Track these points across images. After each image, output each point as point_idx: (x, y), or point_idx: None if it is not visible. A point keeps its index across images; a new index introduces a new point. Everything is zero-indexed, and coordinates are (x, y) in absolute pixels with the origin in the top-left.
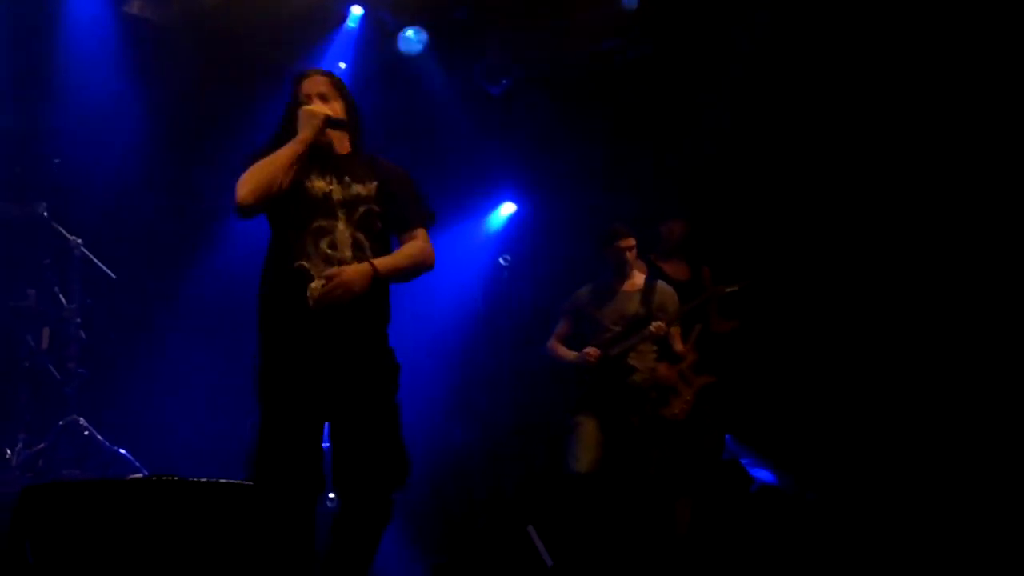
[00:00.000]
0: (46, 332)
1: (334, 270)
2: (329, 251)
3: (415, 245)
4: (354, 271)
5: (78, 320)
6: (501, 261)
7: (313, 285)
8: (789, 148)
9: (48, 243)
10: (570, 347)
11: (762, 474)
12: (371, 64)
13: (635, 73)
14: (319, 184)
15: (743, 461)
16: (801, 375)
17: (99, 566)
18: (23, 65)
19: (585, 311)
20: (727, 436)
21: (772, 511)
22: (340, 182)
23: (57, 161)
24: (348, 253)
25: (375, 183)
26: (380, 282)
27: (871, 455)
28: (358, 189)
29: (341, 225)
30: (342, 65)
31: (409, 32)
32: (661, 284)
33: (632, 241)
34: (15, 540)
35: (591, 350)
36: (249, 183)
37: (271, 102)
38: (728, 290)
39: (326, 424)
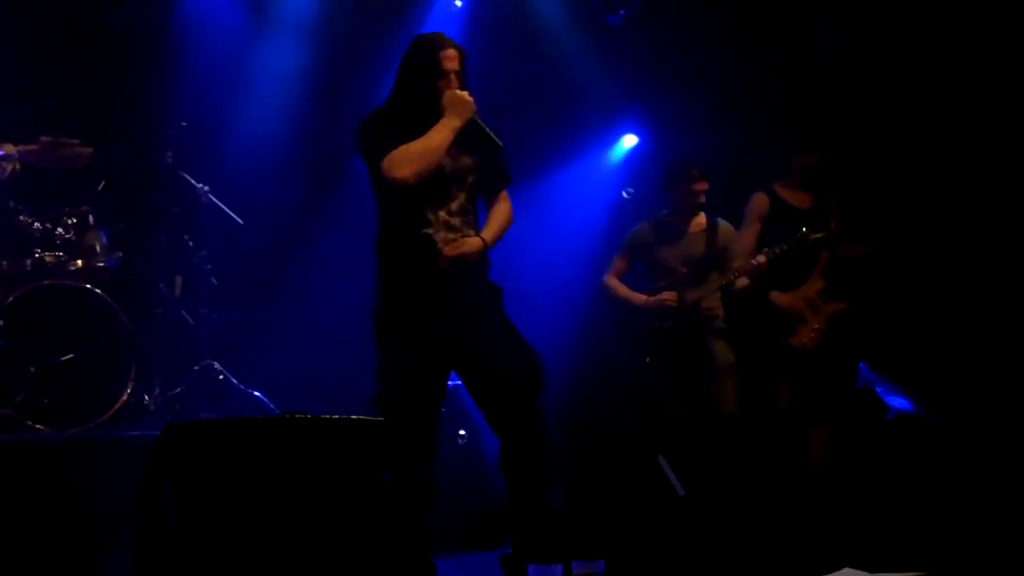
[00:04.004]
0: (178, 279)
1: (458, 242)
2: (447, 218)
3: (503, 210)
4: (471, 245)
5: (208, 266)
6: (624, 194)
7: (443, 249)
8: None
9: (176, 191)
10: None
11: (898, 402)
12: None
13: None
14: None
15: (878, 389)
16: (937, 299)
17: (234, 502)
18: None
19: (648, 249)
20: (861, 364)
21: (909, 439)
22: (451, 155)
23: (184, 124)
24: (459, 220)
25: (476, 154)
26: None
27: (1012, 381)
28: (464, 161)
29: (453, 195)
30: (458, 3)
31: None
32: (723, 225)
33: (706, 185)
34: (155, 478)
35: (668, 296)
36: (411, 166)
37: (388, 44)
38: (813, 237)
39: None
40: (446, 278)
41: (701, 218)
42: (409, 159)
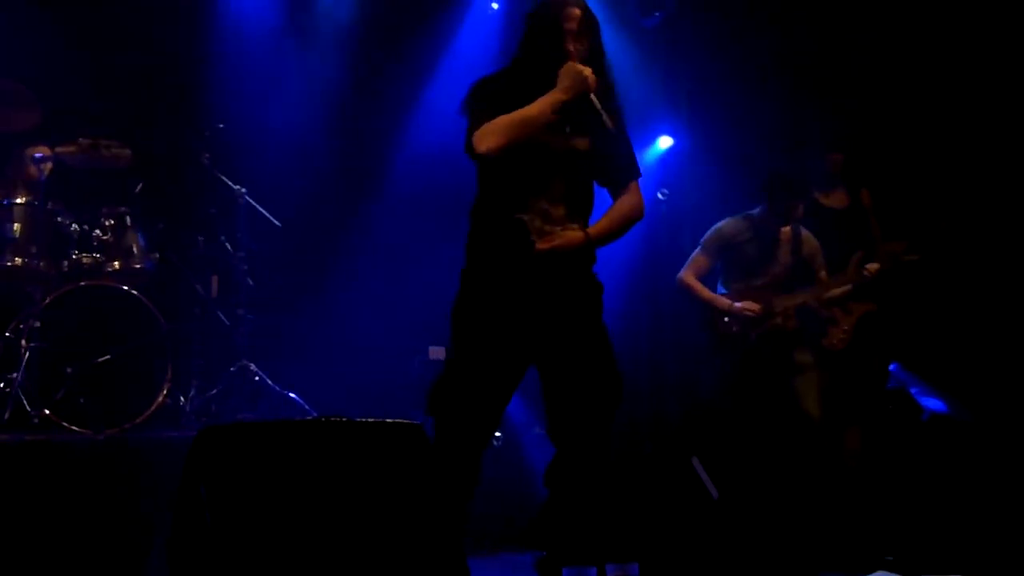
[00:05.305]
0: (215, 280)
1: (554, 235)
2: (546, 205)
3: (628, 203)
4: (568, 239)
5: (245, 268)
6: (659, 196)
7: (536, 241)
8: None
9: (213, 193)
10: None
11: (932, 403)
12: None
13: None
14: (543, 136)
15: (912, 390)
16: (970, 297)
17: (270, 504)
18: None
19: (737, 247)
20: (894, 365)
21: (945, 440)
22: (562, 133)
23: (221, 126)
24: (561, 210)
25: (593, 136)
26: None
27: None
28: (577, 143)
29: (558, 180)
30: (495, 6)
31: None
32: (806, 234)
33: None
34: (191, 481)
35: (754, 307)
36: (501, 137)
37: (424, 47)
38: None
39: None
40: (537, 269)
41: (787, 227)
42: (499, 130)
